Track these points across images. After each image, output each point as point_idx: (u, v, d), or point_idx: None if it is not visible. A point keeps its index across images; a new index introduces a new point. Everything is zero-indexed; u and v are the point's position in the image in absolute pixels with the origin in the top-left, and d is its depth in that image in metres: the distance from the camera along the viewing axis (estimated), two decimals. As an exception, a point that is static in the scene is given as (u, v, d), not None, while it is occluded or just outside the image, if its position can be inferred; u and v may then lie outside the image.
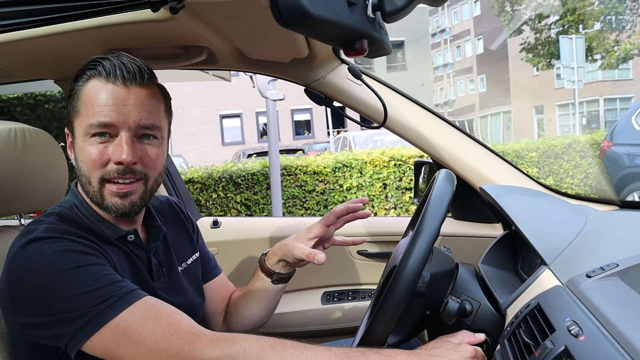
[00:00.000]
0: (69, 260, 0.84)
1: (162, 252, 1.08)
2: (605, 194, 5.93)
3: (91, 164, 0.91)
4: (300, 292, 1.76)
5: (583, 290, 0.77)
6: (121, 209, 0.93)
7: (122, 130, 0.91)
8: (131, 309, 0.83)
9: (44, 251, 0.85)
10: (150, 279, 1.00)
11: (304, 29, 0.70)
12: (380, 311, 0.85)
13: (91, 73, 0.93)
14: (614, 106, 22.77)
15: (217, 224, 1.79)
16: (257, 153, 11.85)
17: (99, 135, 0.91)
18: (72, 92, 0.95)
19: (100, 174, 0.92)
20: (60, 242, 0.86)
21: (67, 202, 0.98)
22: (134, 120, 0.91)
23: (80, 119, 0.92)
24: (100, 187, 0.92)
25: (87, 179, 0.93)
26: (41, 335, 0.84)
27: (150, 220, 1.07)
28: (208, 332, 0.84)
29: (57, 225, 0.90)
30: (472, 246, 1.52)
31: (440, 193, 0.91)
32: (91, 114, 0.90)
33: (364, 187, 5.69)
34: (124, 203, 0.93)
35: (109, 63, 0.92)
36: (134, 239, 0.99)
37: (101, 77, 0.91)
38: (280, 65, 1.40)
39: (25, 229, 0.91)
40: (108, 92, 0.90)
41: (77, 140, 0.93)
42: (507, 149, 6.42)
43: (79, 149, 0.93)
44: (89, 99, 0.91)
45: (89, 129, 0.90)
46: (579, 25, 15.83)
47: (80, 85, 0.93)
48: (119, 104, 0.90)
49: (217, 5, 0.95)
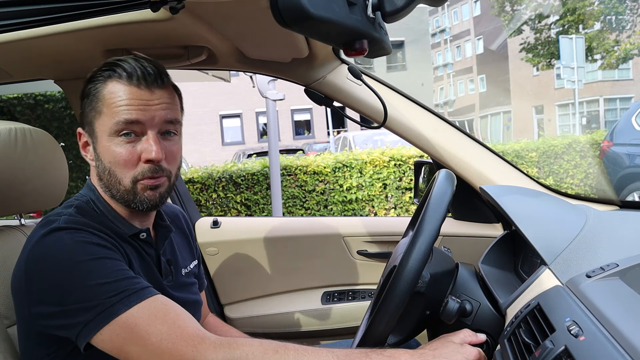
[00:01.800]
0: (88, 251, 0.86)
1: (170, 252, 1.10)
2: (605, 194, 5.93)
3: (123, 164, 0.93)
4: (300, 292, 1.76)
5: (583, 290, 0.77)
6: (153, 201, 0.96)
7: (148, 128, 0.93)
8: (142, 305, 0.84)
9: (64, 240, 0.86)
10: (159, 276, 1.03)
11: (304, 29, 0.70)
12: (380, 311, 0.85)
13: (109, 74, 0.93)
14: (614, 106, 22.77)
15: (217, 224, 1.79)
16: (257, 153, 11.84)
17: (125, 134, 0.92)
18: (86, 93, 0.96)
19: (133, 175, 0.94)
20: (80, 233, 0.88)
21: (83, 196, 1.00)
22: (159, 118, 0.94)
23: (103, 119, 0.93)
24: (133, 186, 0.94)
25: (118, 178, 0.94)
26: (54, 324, 0.85)
27: (160, 220, 1.09)
28: (212, 336, 0.85)
29: (76, 217, 0.92)
30: (472, 246, 1.52)
31: (440, 193, 0.91)
32: (116, 112, 0.91)
33: (364, 187, 5.69)
34: (155, 195, 0.96)
35: (128, 66, 0.93)
36: (145, 237, 1.01)
37: (122, 79, 0.92)
38: (280, 65, 1.40)
39: (45, 220, 0.92)
40: (132, 93, 0.92)
41: (101, 140, 0.94)
42: (507, 149, 6.42)
43: (103, 150, 0.94)
44: (112, 99, 0.92)
45: (115, 127, 0.91)
46: (579, 25, 15.83)
47: (98, 87, 0.94)
48: (144, 104, 0.92)
49: (217, 5, 0.95)
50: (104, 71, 0.94)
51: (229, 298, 1.79)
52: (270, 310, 1.74)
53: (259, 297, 1.78)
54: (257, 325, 1.73)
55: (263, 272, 1.77)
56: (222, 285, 1.79)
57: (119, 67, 0.93)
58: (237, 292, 1.79)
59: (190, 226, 1.26)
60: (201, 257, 1.28)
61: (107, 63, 0.95)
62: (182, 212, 1.27)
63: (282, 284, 1.77)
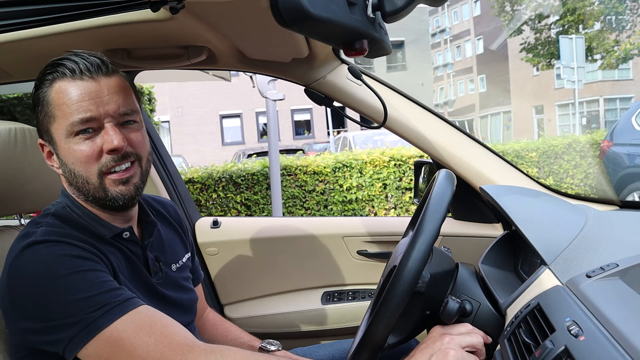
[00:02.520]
0: (66, 265, 0.84)
1: (157, 247, 1.08)
2: (605, 194, 5.93)
3: (85, 160, 0.90)
4: (300, 292, 1.76)
5: (583, 290, 0.77)
6: (127, 194, 0.94)
7: (104, 121, 0.90)
8: (125, 318, 0.82)
9: (42, 256, 0.84)
10: (148, 275, 1.01)
11: (304, 29, 0.70)
12: (380, 311, 0.85)
13: (53, 76, 0.91)
14: (614, 106, 22.76)
15: (217, 224, 1.79)
16: (257, 153, 11.85)
17: (82, 132, 0.90)
18: (37, 100, 0.93)
19: (98, 168, 0.91)
20: (58, 246, 0.86)
21: (59, 202, 0.98)
22: (114, 109, 0.91)
23: (57, 123, 0.91)
24: (101, 181, 0.92)
25: (84, 178, 0.92)
26: (39, 340, 0.85)
27: (144, 216, 1.07)
28: (202, 344, 0.84)
29: (54, 228, 0.90)
30: (472, 246, 1.52)
31: (440, 193, 0.91)
32: (69, 113, 0.89)
33: (364, 187, 5.69)
34: (128, 188, 0.94)
35: (69, 62, 0.90)
36: (129, 236, 0.99)
37: (65, 77, 0.90)
38: (280, 65, 1.40)
39: (23, 232, 0.90)
40: (79, 89, 0.89)
41: (60, 144, 0.92)
42: (507, 149, 6.42)
43: (65, 153, 0.92)
44: (61, 100, 0.89)
45: (72, 128, 0.89)
46: (579, 25, 15.83)
47: (45, 92, 0.91)
48: (94, 97, 0.89)
49: (217, 5, 0.95)
50: (47, 74, 0.92)
51: (229, 298, 1.79)
52: (270, 310, 1.74)
53: (259, 297, 1.78)
54: (257, 325, 1.73)
55: (263, 272, 1.77)
56: (222, 285, 1.79)
57: (60, 66, 0.90)
58: (237, 292, 1.79)
59: (180, 217, 1.23)
60: (194, 250, 1.26)
61: (48, 65, 0.92)
62: (171, 203, 1.24)
63: (282, 284, 1.77)
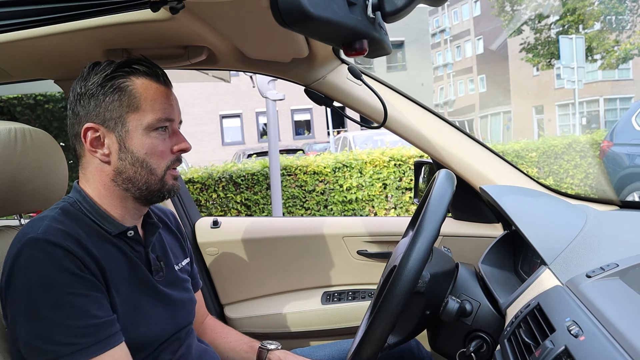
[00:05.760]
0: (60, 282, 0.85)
1: (159, 248, 1.11)
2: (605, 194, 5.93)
3: (159, 154, 0.99)
4: (300, 292, 1.76)
5: (583, 290, 0.77)
6: (177, 189, 1.05)
7: (175, 124, 1.02)
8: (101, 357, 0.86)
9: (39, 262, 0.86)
10: (149, 274, 1.02)
11: (304, 29, 0.70)
12: (380, 311, 0.85)
13: (131, 71, 0.98)
14: (614, 106, 22.76)
15: (217, 224, 1.79)
16: (257, 153, 11.84)
17: (161, 129, 0.99)
18: (110, 88, 0.97)
19: (167, 164, 1.01)
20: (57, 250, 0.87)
21: (70, 198, 1.01)
22: (179, 116, 1.04)
23: (140, 114, 0.97)
24: (164, 175, 1.01)
25: (152, 168, 0.99)
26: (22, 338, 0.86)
27: (147, 218, 1.10)
28: None
29: (57, 225, 0.91)
30: (472, 246, 1.52)
31: (440, 193, 0.91)
32: (157, 109, 0.98)
33: (364, 187, 5.69)
34: (177, 183, 1.05)
35: (146, 66, 0.99)
36: (133, 234, 1.01)
37: (150, 76, 0.99)
38: (280, 65, 1.40)
39: (29, 224, 0.92)
40: (164, 92, 1.00)
41: (135, 133, 0.98)
42: (507, 149, 6.42)
43: (139, 142, 0.98)
44: (150, 95, 0.98)
45: (156, 123, 0.98)
46: (579, 25, 15.83)
47: (125, 82, 0.97)
48: (171, 102, 1.01)
49: (217, 5, 0.95)
50: (122, 68, 0.98)
51: (229, 298, 1.79)
52: (270, 310, 1.74)
53: (259, 297, 1.78)
54: (257, 325, 1.73)
55: (263, 272, 1.77)
56: (222, 285, 1.79)
57: (140, 65, 0.99)
58: (237, 292, 1.79)
59: (180, 225, 1.27)
60: (193, 257, 1.28)
61: (124, 62, 0.99)
62: (171, 211, 1.28)
63: (282, 284, 1.77)
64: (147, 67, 0.99)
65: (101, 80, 0.97)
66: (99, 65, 0.99)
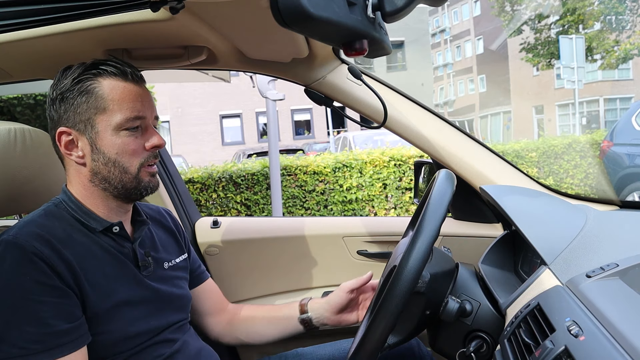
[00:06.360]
0: (15, 288, 0.87)
1: (149, 244, 1.12)
2: (605, 194, 5.93)
3: (131, 153, 0.99)
4: (300, 292, 1.76)
5: (583, 290, 0.77)
6: (154, 185, 1.05)
7: (148, 122, 1.02)
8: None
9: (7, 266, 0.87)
10: (136, 269, 1.03)
11: (304, 29, 0.70)
12: (380, 311, 0.85)
13: (98, 72, 0.98)
14: (614, 106, 22.76)
15: (217, 224, 1.79)
16: (257, 153, 11.85)
17: (131, 129, 0.99)
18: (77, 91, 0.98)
19: (140, 161, 1.01)
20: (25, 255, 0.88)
21: (57, 198, 1.03)
22: (152, 113, 1.03)
23: (107, 115, 0.98)
24: (138, 173, 1.01)
25: (124, 167, 0.99)
26: None
27: (136, 216, 1.11)
28: None
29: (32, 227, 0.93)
30: (472, 246, 1.52)
31: (440, 193, 0.91)
32: (125, 109, 0.98)
33: (364, 187, 5.69)
34: (155, 180, 1.05)
35: (114, 65, 0.99)
36: (118, 230, 1.03)
37: (116, 76, 0.99)
38: (280, 65, 1.40)
39: (10, 227, 0.94)
40: (132, 90, 1.00)
41: (104, 134, 0.98)
42: (507, 149, 6.42)
43: (109, 143, 0.98)
44: (117, 95, 0.98)
45: (124, 123, 0.98)
46: (579, 25, 15.83)
47: (92, 85, 0.98)
48: (142, 100, 1.01)
49: (217, 5, 0.95)
50: (92, 70, 0.99)
51: (229, 298, 1.77)
52: (270, 310, 1.73)
53: (259, 297, 1.78)
54: (257, 325, 1.72)
55: (263, 272, 1.77)
56: (222, 285, 1.77)
57: (107, 66, 0.99)
58: (237, 292, 1.78)
59: (177, 222, 1.27)
60: (192, 253, 1.29)
61: (91, 64, 0.99)
62: (166, 210, 1.28)
63: (282, 284, 1.77)
64: (115, 67, 0.99)
65: (70, 83, 0.99)
66: (70, 68, 1.00)
